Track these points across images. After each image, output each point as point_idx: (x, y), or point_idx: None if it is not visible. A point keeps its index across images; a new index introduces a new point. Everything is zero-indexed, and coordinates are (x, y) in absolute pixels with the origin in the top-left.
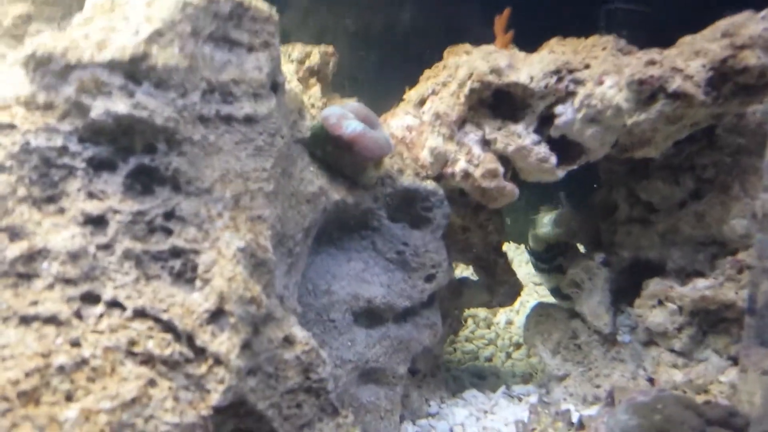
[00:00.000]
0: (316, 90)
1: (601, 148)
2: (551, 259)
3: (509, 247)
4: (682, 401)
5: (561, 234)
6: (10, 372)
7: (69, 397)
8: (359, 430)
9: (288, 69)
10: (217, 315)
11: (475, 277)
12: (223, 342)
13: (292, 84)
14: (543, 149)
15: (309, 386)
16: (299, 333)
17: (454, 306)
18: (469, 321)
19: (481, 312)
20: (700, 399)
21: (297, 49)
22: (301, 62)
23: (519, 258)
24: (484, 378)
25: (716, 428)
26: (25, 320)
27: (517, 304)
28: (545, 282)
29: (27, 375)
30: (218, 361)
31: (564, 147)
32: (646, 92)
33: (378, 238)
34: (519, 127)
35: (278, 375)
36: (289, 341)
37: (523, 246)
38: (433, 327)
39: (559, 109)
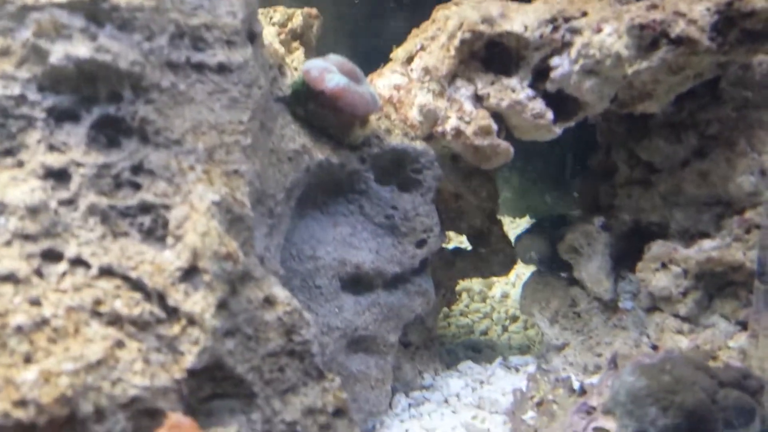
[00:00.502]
0: (299, 54)
1: (600, 102)
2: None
3: (504, 222)
4: (692, 362)
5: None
6: None
7: (28, 359)
8: (346, 395)
9: (269, 32)
10: (190, 273)
11: (468, 248)
12: (198, 301)
13: (273, 45)
14: (538, 104)
15: (292, 349)
16: (280, 293)
17: (447, 277)
18: (464, 295)
19: (476, 285)
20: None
21: (279, 12)
22: (282, 25)
23: (515, 232)
24: (479, 351)
25: (729, 389)
26: None
27: (512, 276)
28: None
29: None
30: (192, 321)
31: (561, 102)
32: (648, 38)
33: (365, 202)
34: (513, 81)
35: (258, 337)
36: (269, 302)
37: (518, 220)
38: (426, 294)
39: (555, 60)
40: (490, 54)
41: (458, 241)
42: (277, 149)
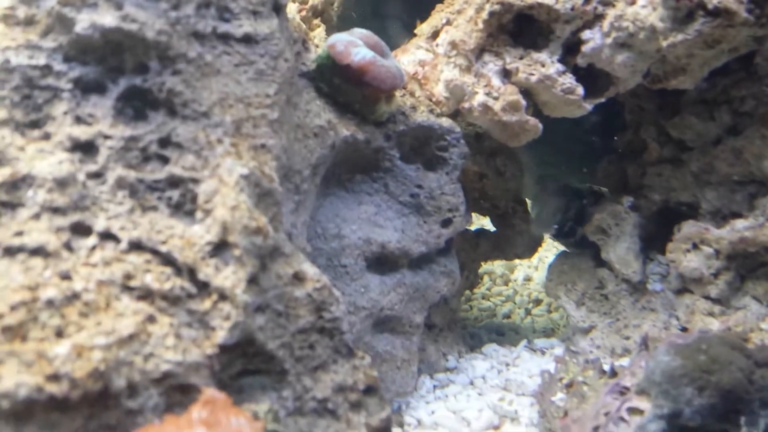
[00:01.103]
0: (320, 31)
1: (632, 77)
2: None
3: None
4: (727, 342)
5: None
6: None
7: (59, 333)
8: (376, 373)
9: (289, 9)
10: (220, 247)
11: (492, 230)
12: (228, 276)
13: (296, 19)
14: (569, 79)
15: (322, 326)
16: (310, 270)
17: (470, 258)
18: (486, 278)
19: (498, 269)
20: None
21: None
22: (303, 2)
23: None
24: (502, 334)
25: (766, 370)
26: (10, 251)
27: (535, 259)
28: None
29: (12, 309)
30: (223, 296)
31: (591, 78)
32: (684, 10)
33: (390, 180)
34: (543, 56)
35: (289, 313)
36: (299, 278)
37: None
38: (451, 275)
39: (586, 34)
40: (519, 27)
41: (480, 223)
42: (303, 124)
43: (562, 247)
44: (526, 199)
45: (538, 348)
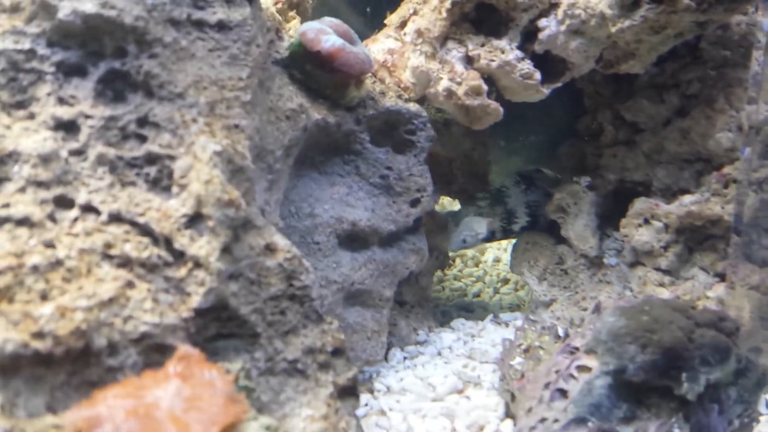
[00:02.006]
0: (295, 23)
1: (586, 62)
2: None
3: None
4: (670, 304)
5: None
6: None
7: (44, 296)
8: (343, 336)
9: (265, 1)
10: (195, 219)
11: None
12: (203, 246)
13: (271, 9)
14: (527, 65)
15: (293, 293)
16: (281, 241)
17: (441, 240)
18: (458, 260)
19: (470, 251)
20: None
21: None
22: None
23: None
24: (472, 311)
25: (705, 329)
26: None
27: (504, 242)
28: None
29: (0, 273)
30: (198, 264)
31: (549, 64)
32: None
33: (361, 163)
34: (502, 43)
35: (261, 281)
36: (270, 249)
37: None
38: (419, 252)
39: (542, 22)
40: (480, 16)
41: (452, 207)
42: (276, 108)
43: None
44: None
45: (503, 321)
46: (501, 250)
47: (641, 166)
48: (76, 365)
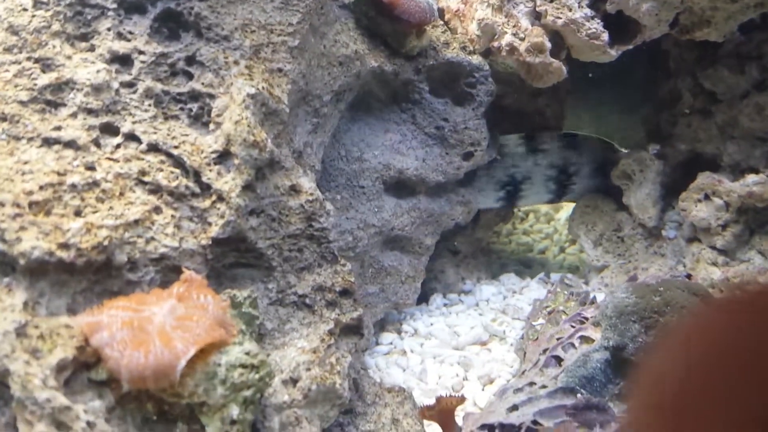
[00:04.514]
0: None
1: (658, 26)
2: None
3: None
4: (691, 288)
5: None
6: (27, 184)
7: (77, 213)
8: (354, 279)
9: None
10: (223, 156)
11: None
12: (227, 181)
13: None
14: (595, 25)
15: (311, 234)
16: (306, 183)
17: None
18: (530, 215)
19: (543, 207)
20: None
21: None
22: None
23: None
24: (530, 267)
25: None
26: (47, 142)
27: None
28: None
29: (41, 188)
30: (221, 197)
31: (622, 25)
32: None
33: (418, 112)
34: (571, 0)
35: (281, 219)
36: (295, 190)
37: None
38: (468, 205)
39: None
40: None
41: None
42: (328, 53)
43: None
44: None
45: (551, 281)
46: None
47: (713, 138)
48: (99, 275)
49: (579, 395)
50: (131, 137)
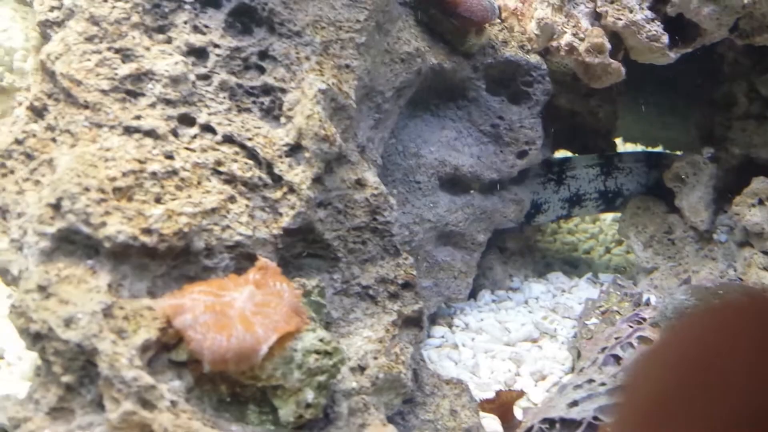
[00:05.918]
0: None
1: (718, 30)
2: None
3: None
4: (750, 292)
5: None
6: (110, 170)
7: (158, 199)
8: (416, 272)
9: None
10: (295, 149)
11: None
12: (298, 173)
13: None
14: (655, 27)
15: (375, 227)
16: (371, 178)
17: None
18: None
19: None
20: None
21: None
22: None
23: None
24: (576, 266)
25: None
26: (128, 130)
27: None
28: None
29: (124, 174)
30: (292, 189)
31: (682, 28)
32: None
33: (474, 109)
34: (632, 1)
35: (347, 212)
36: (360, 184)
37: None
38: (520, 203)
39: None
40: None
41: None
42: (392, 50)
43: None
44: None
45: (599, 281)
46: None
47: None
48: (177, 260)
49: None
50: (207, 128)
